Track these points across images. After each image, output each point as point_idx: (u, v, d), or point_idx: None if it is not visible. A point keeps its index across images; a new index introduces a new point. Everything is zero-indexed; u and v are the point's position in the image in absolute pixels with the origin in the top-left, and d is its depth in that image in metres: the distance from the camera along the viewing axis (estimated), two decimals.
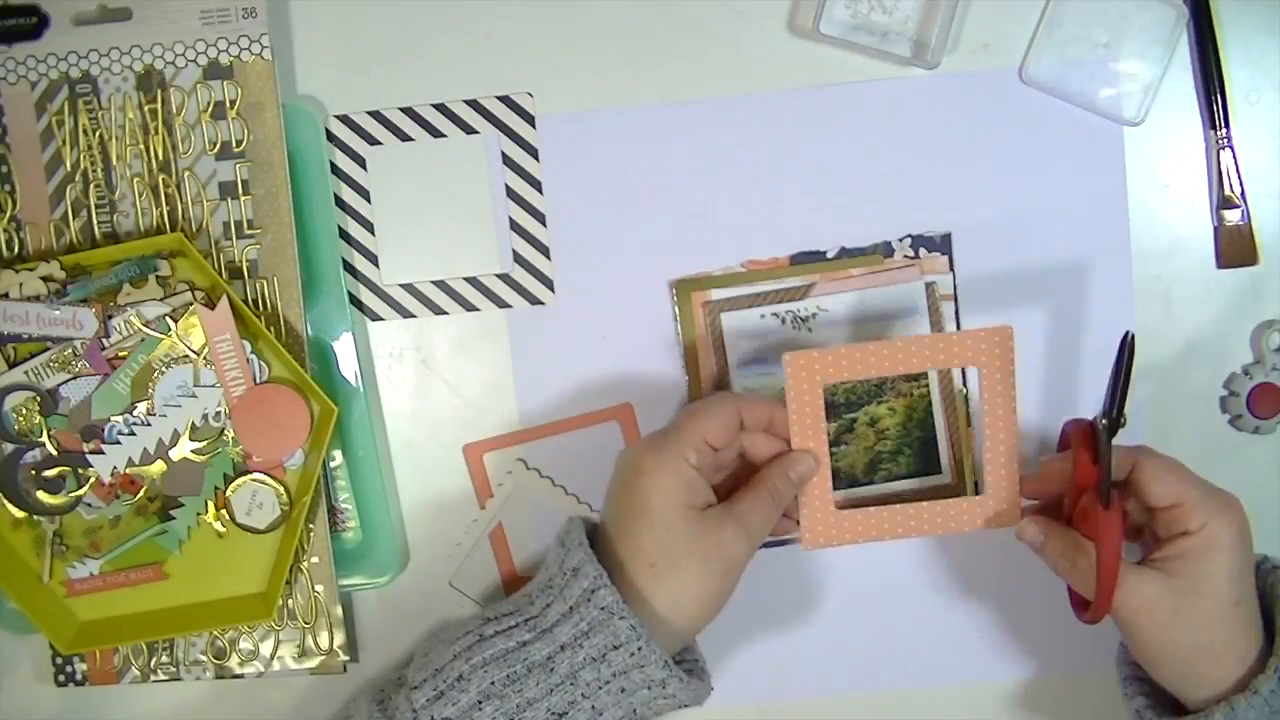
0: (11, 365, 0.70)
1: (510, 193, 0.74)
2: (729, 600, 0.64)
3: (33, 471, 0.71)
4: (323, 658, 0.73)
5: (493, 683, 0.61)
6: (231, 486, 0.71)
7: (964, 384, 0.73)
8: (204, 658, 0.73)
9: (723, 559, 0.63)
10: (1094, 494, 0.62)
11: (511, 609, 0.65)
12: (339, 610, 0.73)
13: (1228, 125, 0.72)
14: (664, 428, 0.66)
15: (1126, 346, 0.63)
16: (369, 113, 0.73)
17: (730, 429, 0.65)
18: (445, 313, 0.74)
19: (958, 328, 0.73)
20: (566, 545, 0.65)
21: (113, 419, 0.70)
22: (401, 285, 0.74)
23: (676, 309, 0.73)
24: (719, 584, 0.63)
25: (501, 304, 0.74)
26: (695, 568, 0.62)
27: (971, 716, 0.75)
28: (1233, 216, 0.73)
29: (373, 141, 0.74)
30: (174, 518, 0.71)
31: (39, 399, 0.70)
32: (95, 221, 0.72)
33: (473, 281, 0.74)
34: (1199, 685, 0.62)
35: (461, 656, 0.62)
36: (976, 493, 0.74)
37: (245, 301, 0.71)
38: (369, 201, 0.74)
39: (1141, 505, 0.64)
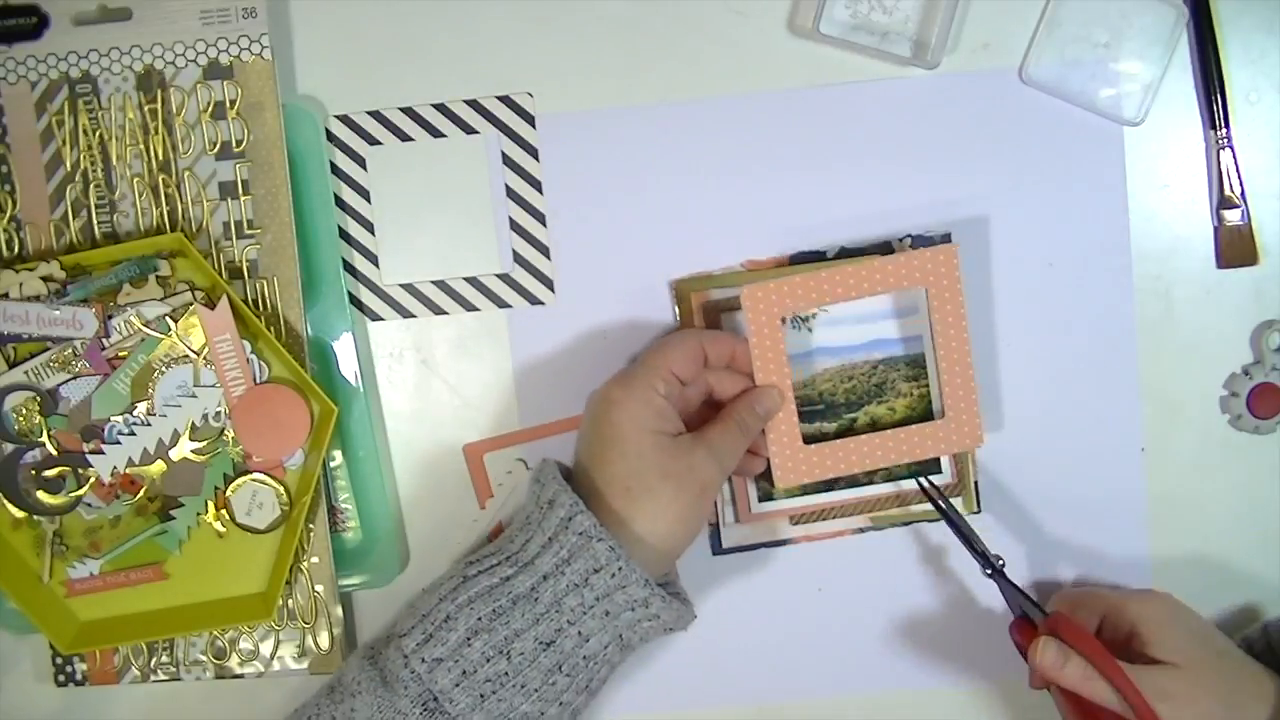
0: (11, 365, 0.70)
1: (510, 193, 0.74)
2: (703, 529, 0.67)
3: (33, 471, 0.71)
4: (323, 658, 0.73)
5: (479, 619, 0.62)
6: (231, 486, 0.71)
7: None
8: (204, 658, 0.73)
9: (695, 481, 0.64)
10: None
11: (493, 549, 0.65)
12: (339, 610, 0.73)
13: (1228, 125, 0.72)
14: (630, 365, 0.68)
15: (930, 492, 0.68)
16: (369, 113, 0.73)
17: (695, 362, 0.67)
18: (445, 313, 0.74)
19: None
20: (541, 481, 0.65)
21: (113, 419, 0.70)
22: (401, 285, 0.74)
23: (676, 309, 0.73)
24: (693, 505, 0.64)
25: (501, 304, 0.74)
26: (669, 489, 0.63)
27: (971, 716, 0.75)
28: (1233, 216, 0.73)
29: (373, 141, 0.74)
30: (174, 518, 0.71)
31: (39, 399, 0.70)
32: (95, 221, 0.72)
33: (473, 281, 0.74)
34: None
35: (447, 599, 0.63)
36: (977, 492, 0.74)
37: (245, 301, 0.71)
38: (369, 201, 0.74)
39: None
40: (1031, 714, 0.75)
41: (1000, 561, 0.68)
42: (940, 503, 0.69)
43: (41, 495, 0.71)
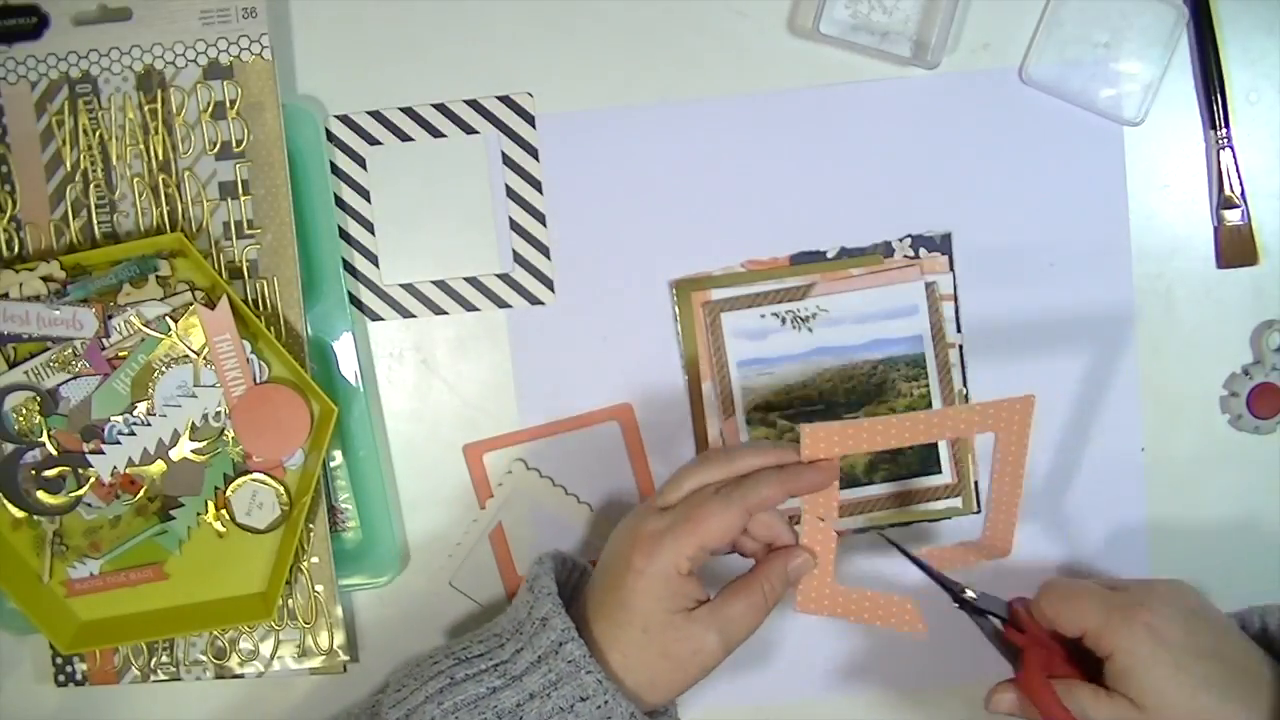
0: (11, 365, 0.70)
1: (510, 193, 0.74)
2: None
3: (33, 471, 0.71)
4: (323, 658, 0.73)
5: None
6: (231, 486, 0.71)
7: (964, 385, 0.73)
8: (204, 658, 0.73)
9: (697, 664, 0.63)
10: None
11: (483, 650, 0.64)
12: (339, 610, 0.73)
13: (1228, 125, 0.72)
14: (667, 516, 0.63)
15: (893, 541, 0.67)
16: (369, 113, 0.73)
17: (732, 534, 0.63)
18: (445, 313, 0.74)
19: (958, 328, 0.73)
20: (535, 592, 0.64)
21: (113, 419, 0.70)
22: (401, 285, 0.74)
23: (676, 309, 0.73)
24: (689, 681, 0.63)
25: (501, 304, 0.74)
26: (668, 668, 0.62)
27: (972, 716, 0.75)
28: (1233, 216, 0.73)
29: (373, 141, 0.74)
30: (174, 518, 0.71)
31: (39, 399, 0.70)
32: (95, 221, 0.72)
33: (473, 281, 0.74)
34: None
35: (433, 699, 0.62)
36: (977, 492, 0.74)
37: (245, 301, 0.71)
38: (369, 201, 0.74)
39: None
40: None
41: (969, 595, 0.67)
42: (902, 549, 0.68)
43: (41, 495, 0.71)
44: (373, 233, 0.74)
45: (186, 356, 0.70)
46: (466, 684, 0.62)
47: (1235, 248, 0.73)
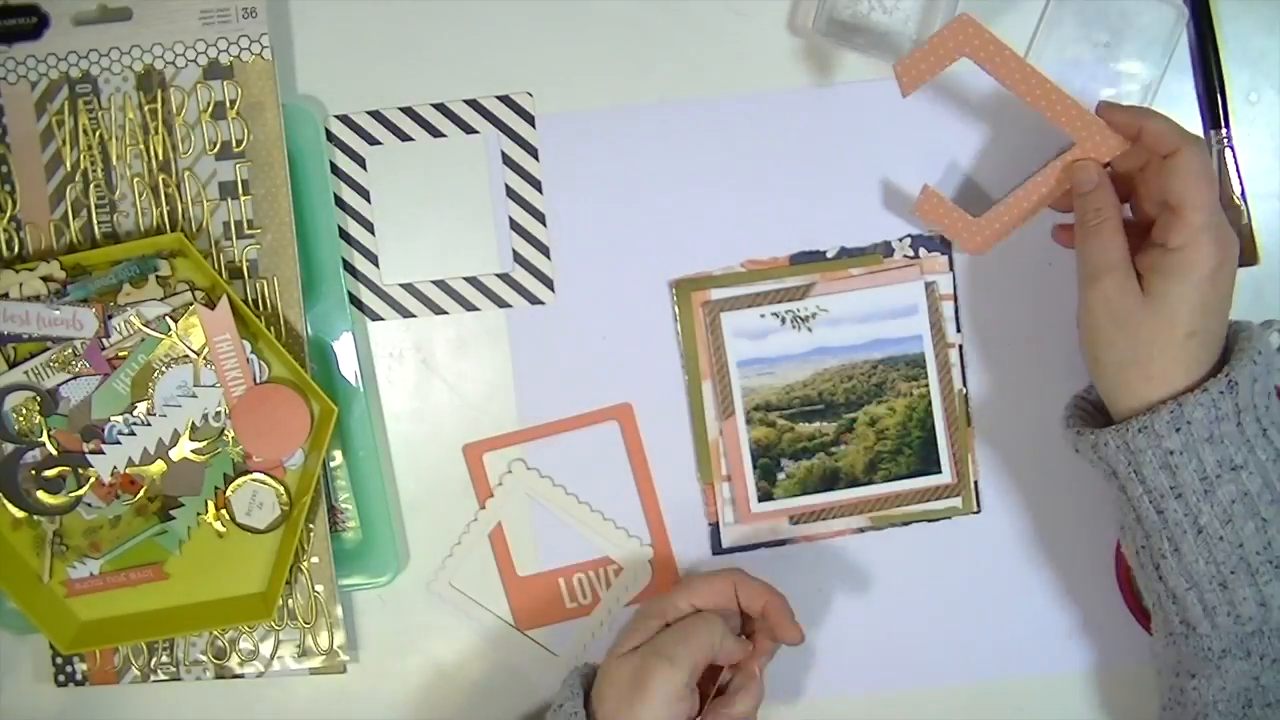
0: (11, 365, 0.70)
1: (510, 193, 0.74)
2: None
3: (33, 471, 0.71)
4: (323, 658, 0.73)
5: None
6: (231, 486, 0.71)
7: (964, 384, 0.74)
8: (204, 658, 0.73)
9: None
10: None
11: None
12: (339, 610, 0.73)
13: (1228, 125, 0.72)
14: (678, 626, 0.67)
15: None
16: (369, 113, 0.73)
17: (716, 649, 0.67)
18: (445, 312, 0.74)
19: (957, 328, 0.73)
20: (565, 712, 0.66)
21: (113, 419, 0.70)
22: (401, 285, 0.74)
23: (676, 309, 0.73)
24: None
25: (501, 304, 0.74)
26: None
27: (972, 716, 0.75)
28: (1233, 217, 0.73)
29: (373, 141, 0.74)
30: (174, 518, 0.71)
31: (39, 399, 0.70)
32: (95, 221, 0.72)
33: (473, 281, 0.74)
34: (1124, 395, 0.63)
35: None
36: (976, 492, 0.74)
37: (245, 301, 0.71)
38: (369, 201, 0.74)
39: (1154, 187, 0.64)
40: (1030, 713, 0.75)
41: None
42: None
43: (41, 495, 0.71)
44: (373, 233, 0.74)
45: (186, 356, 0.70)
46: None
47: None
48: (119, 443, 0.70)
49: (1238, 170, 0.72)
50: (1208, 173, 0.63)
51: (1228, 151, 0.72)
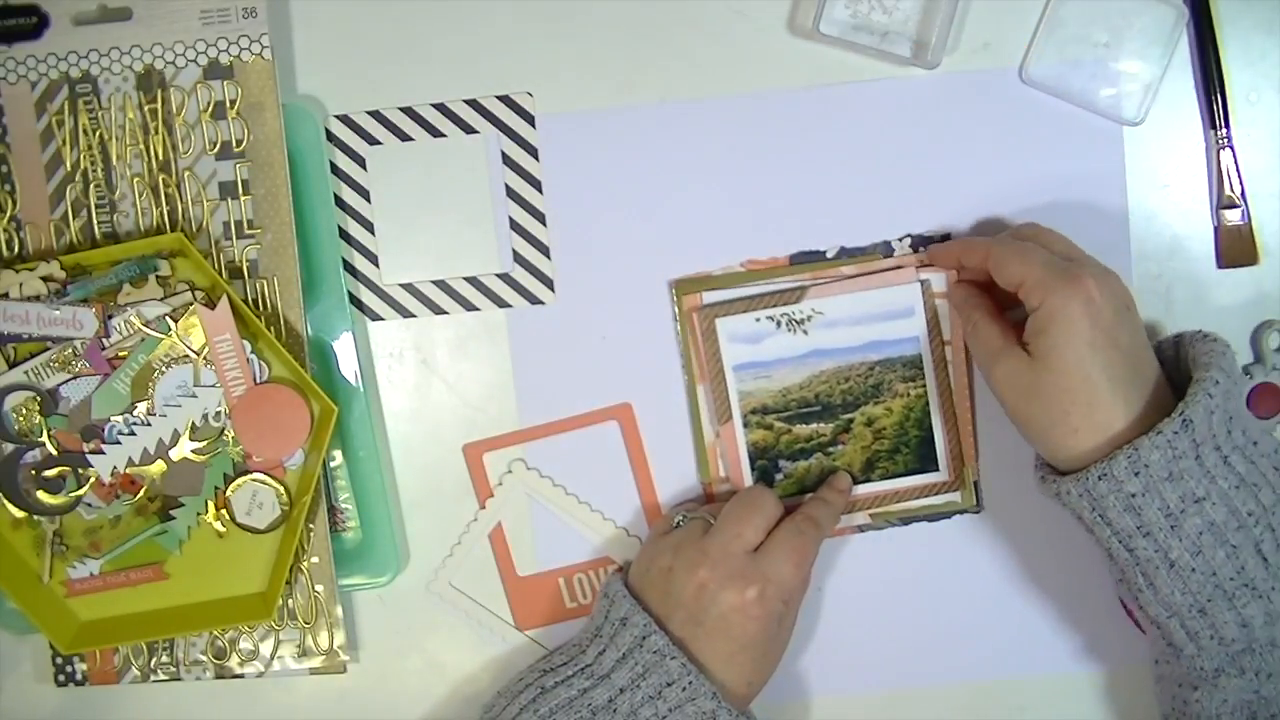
0: (11, 365, 0.70)
1: (510, 193, 0.74)
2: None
3: (33, 471, 0.71)
4: (323, 658, 0.73)
5: None
6: (231, 486, 0.72)
7: (969, 385, 0.73)
8: (204, 658, 0.73)
9: (778, 651, 0.69)
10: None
11: (565, 659, 0.68)
12: (339, 610, 0.73)
13: (1228, 125, 0.72)
14: (757, 568, 0.67)
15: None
16: (369, 113, 0.73)
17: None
18: (445, 312, 0.74)
19: (950, 326, 0.73)
20: (610, 597, 0.68)
21: (113, 419, 0.70)
22: (401, 285, 0.74)
23: (676, 309, 0.73)
24: (773, 667, 0.69)
25: (501, 304, 0.74)
26: (770, 665, 0.69)
27: (972, 716, 0.75)
28: (1233, 216, 0.73)
29: (373, 141, 0.74)
30: (174, 518, 0.72)
31: (39, 399, 0.70)
32: (95, 221, 0.72)
33: (473, 281, 0.74)
34: (1059, 454, 0.64)
35: (529, 709, 0.66)
36: (977, 491, 0.74)
37: (245, 301, 0.71)
38: (369, 201, 0.74)
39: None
40: (1031, 712, 0.75)
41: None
42: None
43: (41, 495, 0.71)
44: (373, 233, 0.74)
45: (186, 356, 0.70)
46: (558, 689, 0.66)
47: (1235, 248, 0.73)
48: (119, 443, 0.70)
49: (1238, 170, 0.72)
50: (1018, 248, 0.65)
51: (1228, 151, 0.72)
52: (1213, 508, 0.60)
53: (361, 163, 0.74)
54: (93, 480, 0.71)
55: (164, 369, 0.70)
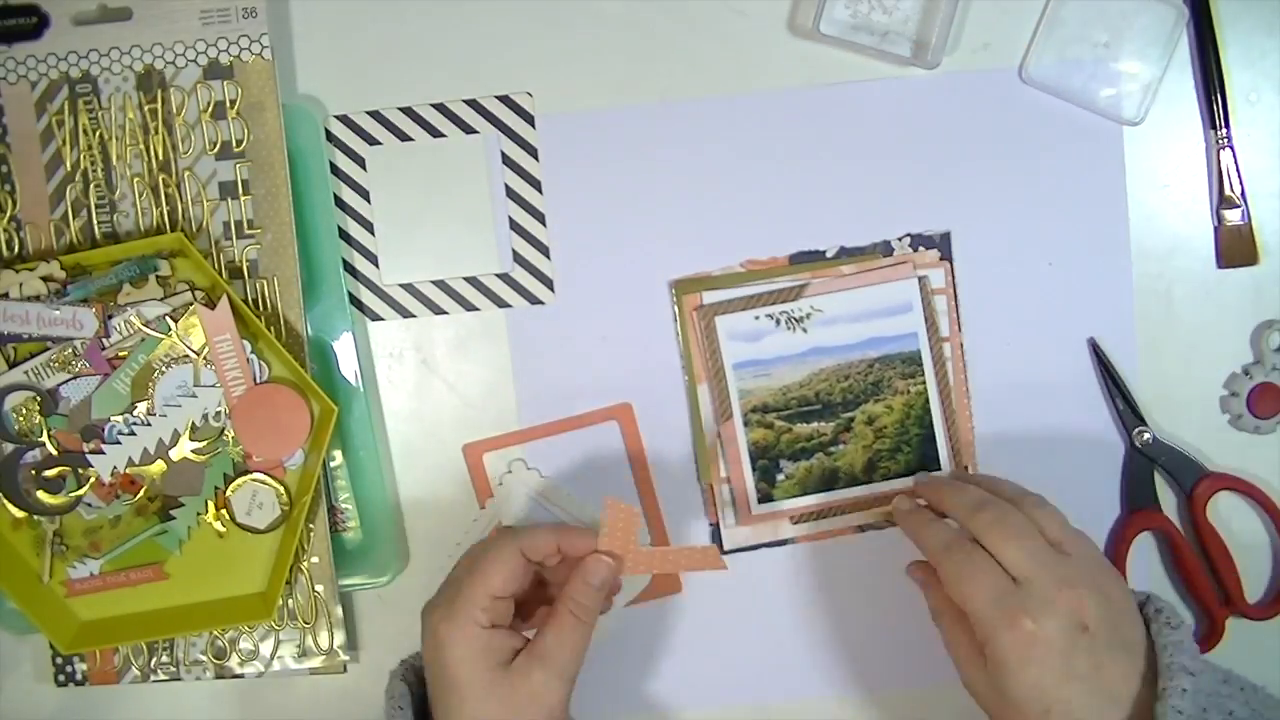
0: (11, 365, 0.70)
1: (510, 193, 0.74)
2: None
3: (33, 471, 0.71)
4: (323, 658, 0.73)
5: None
6: (231, 486, 0.72)
7: (966, 383, 0.73)
8: (204, 658, 0.73)
9: (542, 708, 0.62)
10: None
11: None
12: (339, 610, 0.73)
13: (1228, 125, 0.72)
14: (451, 579, 0.65)
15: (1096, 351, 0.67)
16: (369, 113, 0.73)
17: (517, 575, 0.64)
18: (445, 312, 0.74)
19: (959, 326, 0.73)
20: (388, 703, 0.65)
21: (113, 419, 0.70)
22: (401, 285, 0.74)
23: (676, 309, 0.73)
24: (553, 715, 0.63)
25: (501, 304, 0.74)
26: None
27: (972, 716, 0.75)
28: (1233, 216, 0.73)
29: (373, 141, 0.74)
30: (174, 518, 0.72)
31: (39, 399, 0.70)
32: (95, 221, 0.72)
33: (473, 281, 0.74)
34: None
35: None
36: None
37: (245, 301, 0.71)
38: (369, 201, 0.74)
39: None
40: None
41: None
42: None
43: (41, 495, 0.71)
44: (373, 233, 0.74)
45: (186, 356, 0.70)
46: None
47: (1235, 248, 0.73)
48: (119, 443, 0.70)
49: (1238, 170, 0.72)
50: (967, 568, 0.62)
51: (1228, 151, 0.72)
52: None
53: (361, 163, 0.74)
54: (93, 480, 0.71)
55: (164, 369, 0.70)
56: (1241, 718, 0.58)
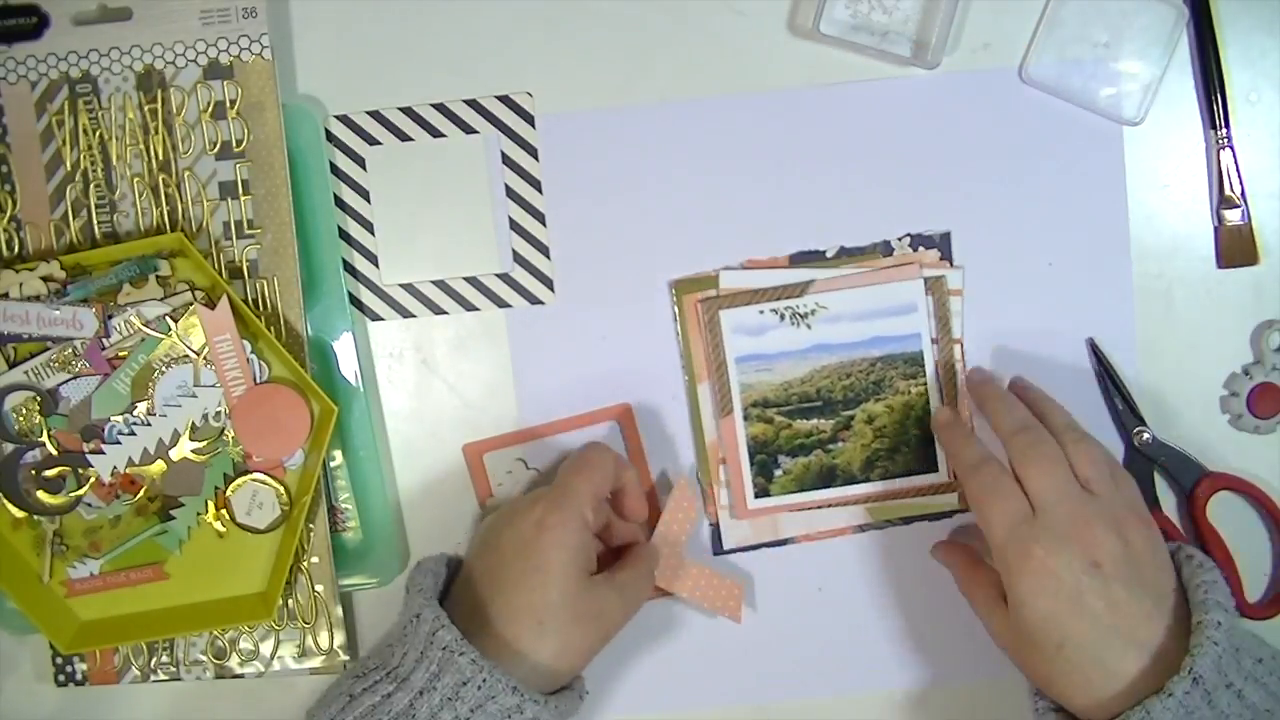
0: (11, 365, 0.70)
1: (510, 193, 0.74)
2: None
3: (33, 471, 0.71)
4: (323, 658, 0.73)
5: None
6: (231, 486, 0.72)
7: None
8: (204, 658, 0.73)
9: (605, 626, 0.65)
10: None
11: (377, 661, 0.65)
12: (339, 610, 0.73)
13: (1228, 125, 0.72)
14: (555, 485, 0.67)
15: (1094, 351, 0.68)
16: (369, 113, 0.73)
17: (609, 482, 0.68)
18: (445, 313, 0.74)
19: (960, 324, 0.73)
20: (410, 591, 0.66)
21: (113, 419, 0.70)
22: (401, 285, 0.74)
23: (676, 309, 0.73)
24: (599, 646, 0.66)
25: (501, 304, 0.74)
26: (580, 632, 0.64)
27: (972, 716, 0.75)
28: (1233, 216, 0.73)
29: (372, 141, 0.74)
30: (174, 518, 0.72)
31: (39, 399, 0.70)
32: (95, 221, 0.72)
33: (473, 281, 0.74)
34: (1067, 704, 0.62)
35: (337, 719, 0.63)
36: None
37: (245, 301, 0.71)
38: (369, 201, 0.74)
39: None
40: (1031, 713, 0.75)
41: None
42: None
43: (41, 495, 0.71)
44: (373, 233, 0.74)
45: (186, 356, 0.70)
46: (363, 697, 0.63)
47: (1235, 248, 0.73)
48: (119, 443, 0.70)
49: (1238, 170, 0.72)
50: (993, 487, 0.64)
51: (1228, 151, 0.72)
52: None
53: (361, 163, 0.74)
54: (93, 480, 0.71)
55: (164, 369, 0.70)
56: (1273, 668, 0.59)
